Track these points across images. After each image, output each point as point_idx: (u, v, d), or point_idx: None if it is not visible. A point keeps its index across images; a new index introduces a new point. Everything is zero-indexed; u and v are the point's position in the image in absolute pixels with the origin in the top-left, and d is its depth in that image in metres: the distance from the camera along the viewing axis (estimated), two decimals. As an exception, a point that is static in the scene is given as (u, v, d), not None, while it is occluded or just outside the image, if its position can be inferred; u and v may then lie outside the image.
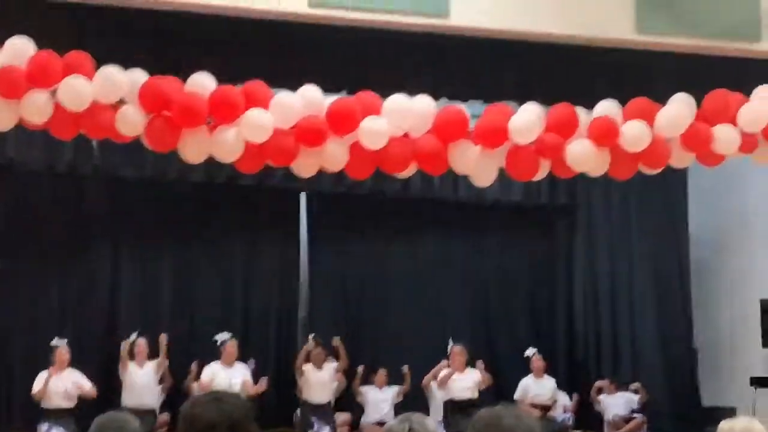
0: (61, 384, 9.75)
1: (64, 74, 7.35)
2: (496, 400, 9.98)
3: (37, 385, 9.71)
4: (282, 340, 11.86)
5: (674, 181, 11.62)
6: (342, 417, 10.80)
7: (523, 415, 2.49)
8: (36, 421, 9.72)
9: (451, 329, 11.51)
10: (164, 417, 10.31)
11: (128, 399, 9.96)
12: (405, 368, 11.14)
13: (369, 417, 10.99)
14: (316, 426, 10.01)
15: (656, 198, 12.07)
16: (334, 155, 8.06)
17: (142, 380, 10.13)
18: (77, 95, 7.38)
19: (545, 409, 10.82)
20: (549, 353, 11.48)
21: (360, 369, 11.14)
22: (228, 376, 10.01)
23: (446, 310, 12.34)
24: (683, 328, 11.96)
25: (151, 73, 7.70)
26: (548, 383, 10.96)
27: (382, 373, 11.14)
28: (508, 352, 11.94)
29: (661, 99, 8.42)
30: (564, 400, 11.30)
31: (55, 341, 9.93)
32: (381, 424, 10.34)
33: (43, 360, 9.85)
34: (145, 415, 9.61)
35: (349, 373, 11.12)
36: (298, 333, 11.99)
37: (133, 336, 10.26)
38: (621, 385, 11.33)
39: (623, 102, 8.39)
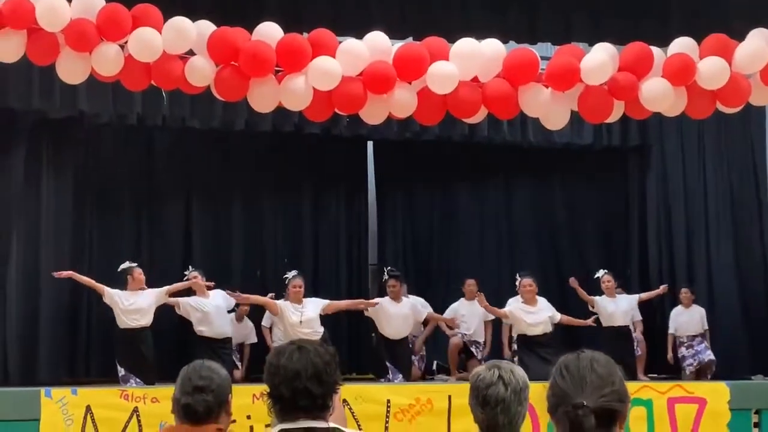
0: (140, 300, 9.39)
1: (134, 26, 7.39)
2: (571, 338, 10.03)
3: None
4: (353, 288, 11.86)
5: (750, 117, 11.29)
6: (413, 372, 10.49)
7: (610, 370, 2.38)
8: (112, 374, 9.70)
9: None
10: (239, 373, 10.14)
11: (203, 331, 9.62)
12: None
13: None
14: (391, 374, 9.87)
15: (732, 135, 11.75)
16: (402, 101, 8.01)
17: (209, 308, 9.65)
18: (147, 47, 7.42)
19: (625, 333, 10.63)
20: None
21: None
22: (296, 312, 9.55)
23: (517, 255, 12.26)
24: (761, 268, 11.69)
25: (216, 23, 7.70)
26: (623, 301, 10.69)
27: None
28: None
29: (738, 36, 8.17)
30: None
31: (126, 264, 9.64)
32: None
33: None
34: (222, 343, 9.62)
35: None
36: (369, 281, 12.03)
37: (188, 271, 9.89)
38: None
39: (698, 41, 8.16)
